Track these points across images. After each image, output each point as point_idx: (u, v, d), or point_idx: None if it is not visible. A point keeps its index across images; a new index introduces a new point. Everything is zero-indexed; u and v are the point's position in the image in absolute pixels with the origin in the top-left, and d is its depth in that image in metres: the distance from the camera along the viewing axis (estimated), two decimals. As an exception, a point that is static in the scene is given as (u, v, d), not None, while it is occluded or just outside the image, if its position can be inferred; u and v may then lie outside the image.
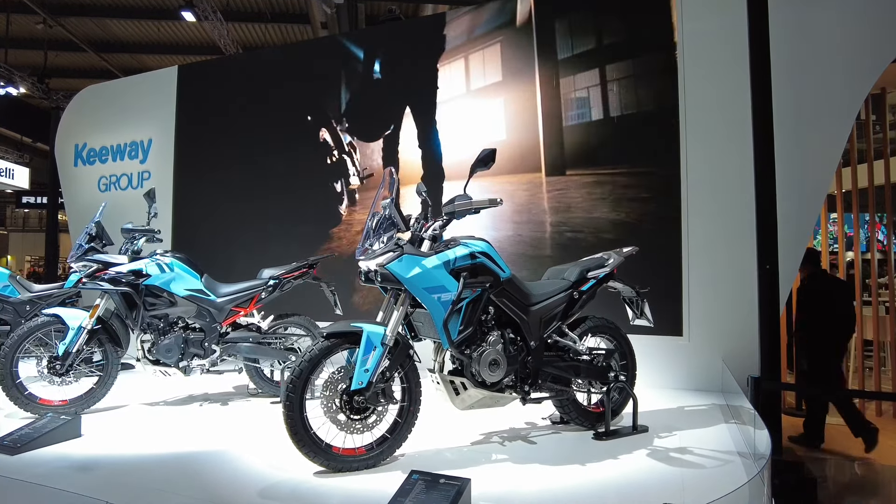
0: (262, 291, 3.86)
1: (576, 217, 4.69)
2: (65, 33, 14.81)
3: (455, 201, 2.57)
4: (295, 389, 2.40)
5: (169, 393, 4.09)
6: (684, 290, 4.27)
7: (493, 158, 2.50)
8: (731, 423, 3.33)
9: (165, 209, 6.42)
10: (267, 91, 6.09)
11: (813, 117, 4.04)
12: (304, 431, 2.42)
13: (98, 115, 7.03)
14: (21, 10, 13.41)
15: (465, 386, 2.64)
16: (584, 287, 3.02)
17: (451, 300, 2.50)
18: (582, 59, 4.78)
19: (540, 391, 2.87)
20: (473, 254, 2.63)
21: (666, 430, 3.12)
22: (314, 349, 2.46)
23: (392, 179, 2.59)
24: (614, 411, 3.17)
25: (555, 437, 3.01)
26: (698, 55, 4.36)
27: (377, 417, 2.52)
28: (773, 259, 3.65)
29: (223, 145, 6.24)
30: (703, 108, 4.32)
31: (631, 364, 3.24)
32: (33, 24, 14.17)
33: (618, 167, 4.60)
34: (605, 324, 3.15)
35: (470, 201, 2.53)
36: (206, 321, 3.72)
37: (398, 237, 2.53)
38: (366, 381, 2.43)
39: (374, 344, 2.46)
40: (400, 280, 2.46)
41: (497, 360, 2.66)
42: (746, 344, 3.98)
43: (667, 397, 3.97)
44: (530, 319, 2.83)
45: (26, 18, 13.98)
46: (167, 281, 3.62)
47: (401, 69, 5.54)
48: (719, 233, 4.22)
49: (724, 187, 4.21)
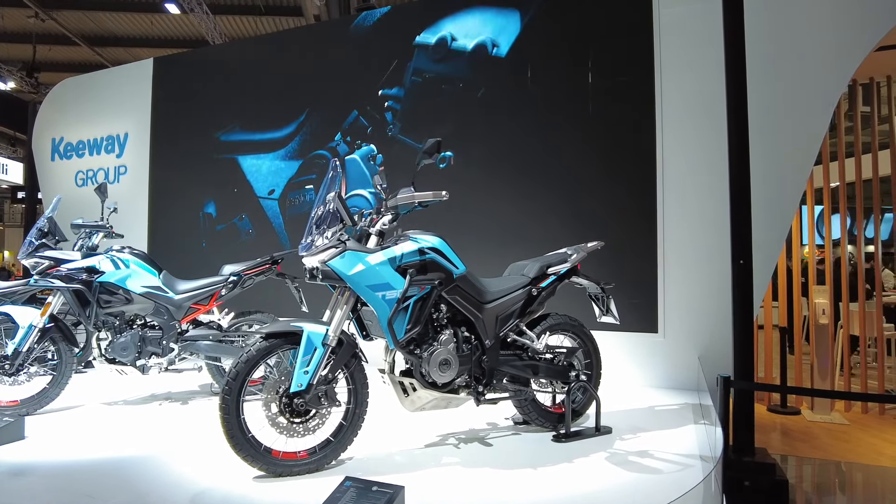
0: (222, 288, 3.76)
1: (546, 209, 4.58)
2: (57, 27, 14.72)
3: (398, 195, 2.46)
4: (231, 391, 2.31)
5: (130, 392, 4.00)
6: (659, 284, 4.16)
7: (439, 149, 2.39)
8: (701, 423, 3.23)
9: (141, 204, 6.33)
10: (245, 82, 5.98)
11: (790, 108, 3.92)
12: (242, 435, 2.33)
13: (75, 109, 6.93)
14: (12, 4, 13.31)
15: (414, 387, 2.54)
16: (543, 283, 2.92)
17: (397, 298, 2.40)
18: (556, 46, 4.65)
19: (495, 391, 2.77)
20: (422, 250, 2.52)
21: (630, 432, 3.02)
22: (251, 349, 2.36)
23: (336, 172, 2.48)
24: (577, 412, 3.07)
25: (513, 439, 2.91)
26: (675, 43, 4.24)
27: (320, 420, 2.43)
28: (747, 253, 3.53)
29: (200, 139, 6.13)
30: (679, 98, 4.21)
31: (595, 363, 3.14)
32: (25, 17, 14.08)
33: (590, 158, 4.48)
34: (567, 321, 3.05)
35: (412, 195, 2.43)
36: (164, 319, 3.62)
37: (342, 233, 2.43)
38: (305, 382, 2.34)
39: (314, 344, 2.36)
40: (342, 277, 2.36)
41: (448, 360, 2.56)
42: (724, 341, 3.87)
43: (639, 396, 3.87)
44: (485, 317, 2.72)
45: (18, 12, 13.87)
46: (123, 278, 3.52)
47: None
48: (697, 225, 4.11)
49: (701, 178, 4.10)
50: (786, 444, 4.62)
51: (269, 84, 5.81)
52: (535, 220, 4.58)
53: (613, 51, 4.45)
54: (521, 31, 4.76)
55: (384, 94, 5.26)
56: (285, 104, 5.70)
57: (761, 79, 3.87)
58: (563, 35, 4.63)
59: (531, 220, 4.59)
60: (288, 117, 5.68)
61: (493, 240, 4.63)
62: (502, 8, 4.83)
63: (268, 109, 5.79)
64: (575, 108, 4.55)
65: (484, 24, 4.90)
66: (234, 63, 6.16)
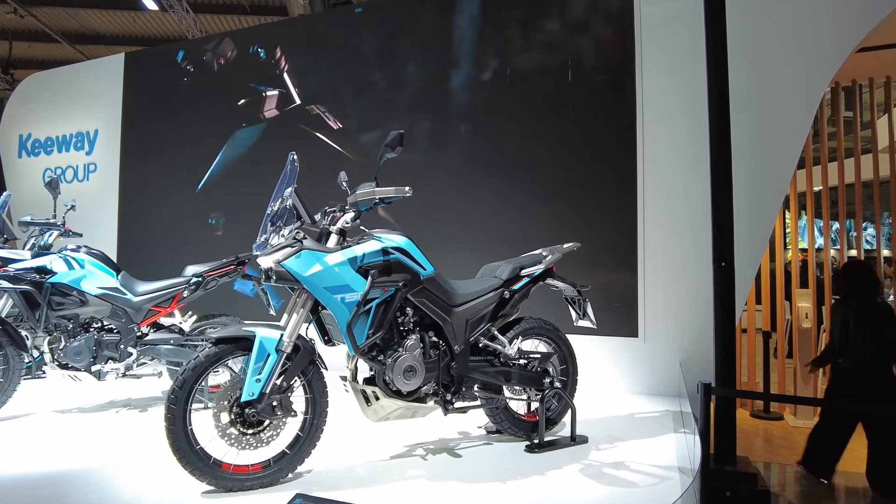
0: (184, 290, 3.58)
1: (523, 210, 4.45)
2: (37, 23, 14.39)
3: (356, 190, 2.32)
4: (177, 401, 2.15)
5: (87, 399, 3.80)
6: (640, 287, 4.05)
7: (402, 142, 2.25)
8: (681, 432, 3.11)
9: (111, 203, 6.12)
10: (213, 78, 5.79)
11: (773, 107, 3.83)
12: (189, 447, 2.17)
13: (43, 105, 6.71)
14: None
15: (376, 395, 2.39)
16: (516, 286, 2.78)
17: (357, 301, 2.25)
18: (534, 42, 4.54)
19: (465, 400, 2.63)
20: (386, 249, 2.38)
21: (607, 441, 2.90)
22: (200, 356, 2.20)
23: (294, 166, 2.33)
24: (553, 420, 2.94)
25: (484, 450, 2.76)
26: (656, 42, 4.14)
27: (274, 431, 2.27)
28: (728, 256, 3.43)
29: (171, 135, 5.94)
30: (660, 97, 4.11)
31: (571, 369, 3.01)
32: (3, 13, 13.76)
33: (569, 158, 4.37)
34: (542, 325, 2.91)
35: (372, 190, 2.28)
36: (122, 322, 3.44)
37: (299, 231, 2.27)
38: (258, 391, 2.18)
39: (267, 350, 2.20)
40: (298, 279, 2.21)
41: (413, 367, 2.42)
42: (707, 346, 3.76)
43: (618, 403, 3.75)
44: (454, 321, 2.58)
45: (-4, 8, 13.56)
46: (77, 279, 3.34)
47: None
48: (678, 226, 4.00)
49: (683, 178, 4.00)
50: (768, 451, 4.53)
51: (243, 79, 5.64)
52: (512, 222, 4.45)
53: (593, 49, 4.34)
54: (500, 28, 4.65)
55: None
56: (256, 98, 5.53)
57: (744, 78, 3.78)
58: (543, 32, 4.52)
59: (509, 222, 4.46)
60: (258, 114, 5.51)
61: (470, 241, 4.50)
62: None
63: (239, 104, 5.61)
64: (554, 108, 4.43)
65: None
66: (198, 57, 5.97)
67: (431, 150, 4.79)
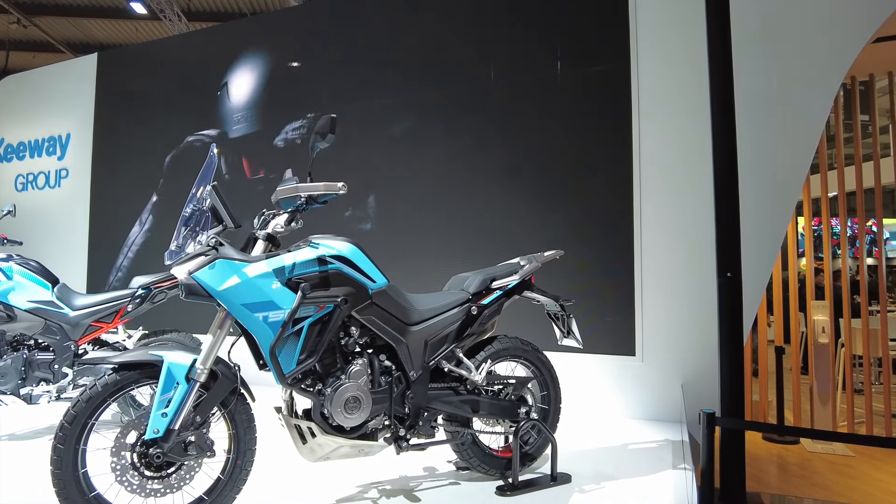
0: (128, 303, 3.24)
1: (508, 215, 4.08)
2: (41, 34, 14.34)
3: (278, 186, 1.96)
4: (65, 440, 1.79)
5: (24, 423, 3.46)
6: (637, 300, 3.65)
7: (333, 129, 1.89)
8: (680, 468, 2.71)
9: (82, 210, 5.81)
10: (193, 77, 5.49)
11: (783, 103, 3.45)
12: (80, 495, 1.80)
13: (17, 108, 6.44)
14: (-7, 10, 12.98)
15: (313, 432, 2.01)
16: (485, 300, 2.40)
17: (282, 321, 1.88)
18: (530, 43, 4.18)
19: (422, 435, 2.25)
20: (323, 258, 2.01)
21: (594, 480, 2.50)
22: (97, 385, 1.85)
23: (212, 160, 1.98)
24: (530, 455, 2.55)
25: (449, 491, 2.37)
26: (653, 30, 3.78)
27: (186, 474, 1.90)
28: (735, 266, 3.04)
29: (146, 140, 5.63)
30: (658, 91, 3.73)
31: (554, 395, 2.61)
32: (7, 23, 13.70)
33: (558, 158, 4.00)
34: (518, 345, 2.52)
35: (295, 186, 1.92)
36: (57, 339, 3.10)
37: (217, 238, 1.92)
38: (163, 428, 1.82)
39: (175, 378, 1.84)
40: (210, 294, 1.85)
41: (358, 398, 2.04)
42: (712, 366, 3.36)
43: (611, 432, 3.34)
44: (410, 342, 2.21)
45: (0, 18, 13.53)
46: (3, 291, 3.01)
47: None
48: (680, 233, 3.61)
49: (684, 180, 3.62)
50: (783, 480, 4.09)
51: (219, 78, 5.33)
52: (495, 228, 4.08)
53: (585, 37, 3.98)
54: (482, 15, 4.30)
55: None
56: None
57: (750, 70, 3.42)
58: (529, 20, 4.16)
59: (492, 228, 4.09)
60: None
61: (449, 250, 4.13)
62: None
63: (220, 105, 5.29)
64: (542, 102, 4.06)
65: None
66: (175, 55, 5.67)
67: (411, 149, 4.43)
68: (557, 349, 2.76)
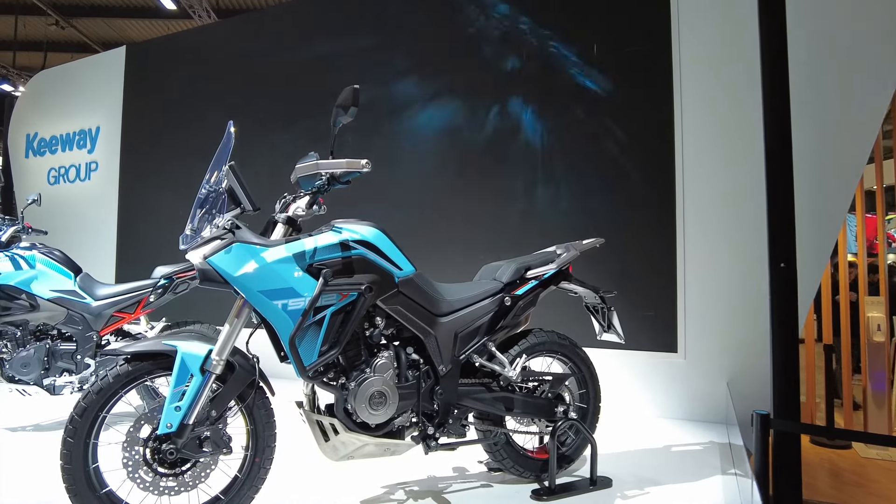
0: (150, 293, 3.17)
1: (543, 204, 3.89)
2: (78, 35, 14.68)
3: (297, 164, 1.83)
4: (76, 433, 1.70)
5: (49, 413, 3.42)
6: (679, 294, 3.43)
7: (357, 101, 1.75)
8: (730, 473, 2.50)
9: (111, 203, 5.82)
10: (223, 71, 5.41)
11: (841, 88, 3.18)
12: (90, 492, 1.71)
13: (49, 103, 6.49)
14: (33, 13, 13.30)
15: (335, 429, 1.88)
16: (519, 290, 2.24)
17: (303, 308, 1.75)
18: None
19: (452, 434, 2.10)
20: (346, 243, 1.87)
21: (636, 485, 2.32)
22: (108, 376, 1.75)
23: (229, 138, 1.86)
24: (568, 457, 2.38)
25: (481, 494, 2.22)
26: (697, 6, 3.54)
27: (201, 472, 1.79)
28: (789, 255, 2.80)
29: (174, 132, 5.59)
30: (702, 72, 3.49)
31: (593, 394, 2.43)
32: (46, 25, 14.06)
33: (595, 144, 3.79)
34: (555, 339, 2.35)
35: (315, 163, 1.78)
36: (80, 329, 3.05)
37: (234, 221, 1.79)
38: (177, 422, 1.71)
39: (190, 370, 1.73)
40: (227, 280, 1.73)
41: (383, 393, 1.90)
42: (759, 363, 3.13)
43: (652, 433, 3.15)
44: (439, 335, 2.06)
45: (38, 20, 13.89)
46: (26, 280, 2.96)
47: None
48: (726, 223, 3.38)
49: (731, 164, 3.38)
50: (837, 488, 3.81)
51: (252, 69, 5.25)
52: (529, 218, 3.90)
53: (622, 16, 3.76)
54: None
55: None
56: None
57: (805, 53, 3.15)
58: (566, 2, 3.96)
59: (525, 218, 3.91)
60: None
61: (479, 242, 3.97)
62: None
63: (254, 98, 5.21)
64: (578, 86, 3.86)
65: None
66: (205, 48, 5.61)
67: (441, 134, 4.28)
68: (596, 344, 2.58)
